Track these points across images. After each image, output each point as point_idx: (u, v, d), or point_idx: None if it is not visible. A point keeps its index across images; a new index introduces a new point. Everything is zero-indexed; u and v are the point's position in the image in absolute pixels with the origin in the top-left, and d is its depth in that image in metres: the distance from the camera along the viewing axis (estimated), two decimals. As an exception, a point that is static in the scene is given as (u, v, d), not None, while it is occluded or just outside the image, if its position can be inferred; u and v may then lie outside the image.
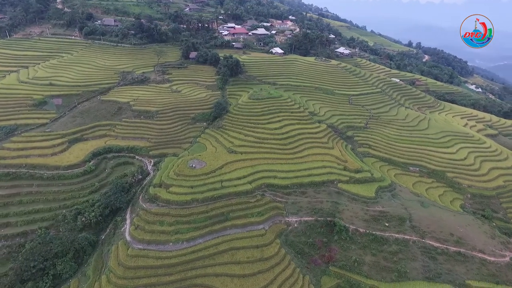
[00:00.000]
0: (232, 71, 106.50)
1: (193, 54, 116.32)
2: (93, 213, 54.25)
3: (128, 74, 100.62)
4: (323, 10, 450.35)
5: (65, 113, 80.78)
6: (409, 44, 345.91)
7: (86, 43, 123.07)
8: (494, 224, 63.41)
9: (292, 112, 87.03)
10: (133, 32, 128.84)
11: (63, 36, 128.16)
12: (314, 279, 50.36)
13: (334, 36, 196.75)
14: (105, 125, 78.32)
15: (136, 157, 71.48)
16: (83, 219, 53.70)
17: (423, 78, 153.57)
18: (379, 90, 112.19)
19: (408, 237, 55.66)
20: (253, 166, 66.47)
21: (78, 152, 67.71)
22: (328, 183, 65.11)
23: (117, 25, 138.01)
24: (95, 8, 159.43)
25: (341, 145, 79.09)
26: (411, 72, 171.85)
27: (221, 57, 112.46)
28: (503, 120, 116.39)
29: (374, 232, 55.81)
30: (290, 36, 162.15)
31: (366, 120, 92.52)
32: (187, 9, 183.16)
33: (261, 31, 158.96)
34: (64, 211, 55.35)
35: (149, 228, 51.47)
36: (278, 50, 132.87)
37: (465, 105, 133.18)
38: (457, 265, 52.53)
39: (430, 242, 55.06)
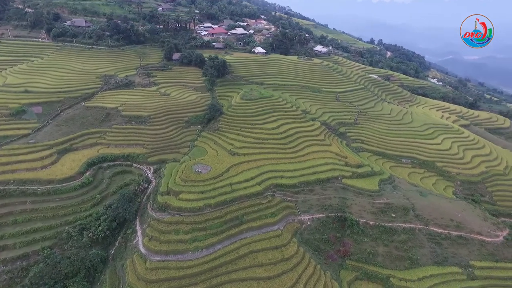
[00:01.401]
0: (219, 72, 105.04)
1: (176, 56, 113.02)
2: (100, 228, 51.04)
3: (111, 78, 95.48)
4: (287, 9, 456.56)
5: (48, 122, 74.94)
6: (371, 41, 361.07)
7: (56, 45, 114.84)
8: (483, 207, 68.65)
9: (286, 112, 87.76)
10: (108, 33, 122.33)
11: (28, 38, 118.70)
12: (334, 274, 51.40)
13: (308, 35, 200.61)
14: (94, 132, 73.74)
15: (134, 165, 68.18)
16: (90, 234, 50.34)
17: (396, 74, 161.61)
18: (362, 86, 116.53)
19: (414, 225, 58.61)
20: (258, 167, 66.17)
21: (71, 163, 63.19)
22: (332, 180, 66.60)
23: (89, 26, 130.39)
24: (61, 8, 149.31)
25: (337, 141, 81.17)
26: (382, 68, 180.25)
27: (206, 58, 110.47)
28: (471, 111, 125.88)
29: (383, 224, 58.11)
30: (269, 35, 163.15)
31: (355, 116, 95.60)
32: (160, 9, 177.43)
33: (240, 30, 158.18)
34: (66, 227, 51.37)
35: (164, 238, 49.47)
36: (260, 49, 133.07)
37: (435, 98, 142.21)
38: (460, 248, 56.28)
39: (434, 229, 58.43)
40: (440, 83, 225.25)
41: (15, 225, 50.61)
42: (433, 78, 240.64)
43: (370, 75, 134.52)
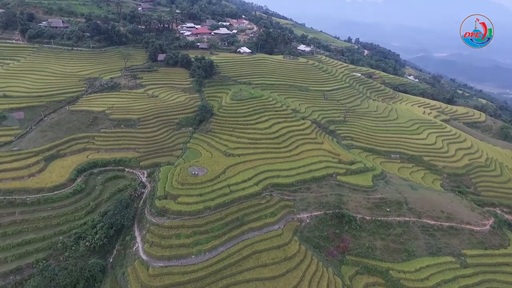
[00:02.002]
0: (207, 73, 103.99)
1: (161, 57, 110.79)
2: (97, 236, 49.32)
3: (95, 80, 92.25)
4: (264, 8, 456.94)
5: (31, 128, 71.46)
6: (349, 40, 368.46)
7: (33, 47, 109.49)
8: (469, 198, 72.00)
9: (276, 111, 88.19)
10: (88, 34, 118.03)
11: (1, 40, 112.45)
12: (335, 270, 52.29)
13: (290, 34, 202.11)
14: (81, 137, 70.98)
15: (126, 169, 66.31)
16: (87, 243, 48.53)
17: (377, 71, 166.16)
18: (348, 84, 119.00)
19: (407, 218, 60.61)
20: (254, 167, 66.16)
21: (60, 170, 60.58)
22: (327, 177, 67.64)
23: (67, 27, 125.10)
24: (35, 7, 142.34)
25: (328, 139, 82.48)
26: (363, 66, 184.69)
27: (192, 59, 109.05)
28: (450, 106, 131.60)
29: (379, 218, 59.71)
30: (252, 35, 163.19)
31: (344, 114, 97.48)
32: (140, 8, 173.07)
33: (223, 30, 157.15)
34: (61, 237, 49.32)
35: (166, 244, 48.52)
36: (245, 49, 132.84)
37: (415, 94, 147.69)
38: (452, 238, 58.79)
39: (427, 221, 60.68)
40: (417, 80, 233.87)
41: (5, 238, 47.99)
42: (409, 75, 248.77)
43: (354, 73, 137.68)
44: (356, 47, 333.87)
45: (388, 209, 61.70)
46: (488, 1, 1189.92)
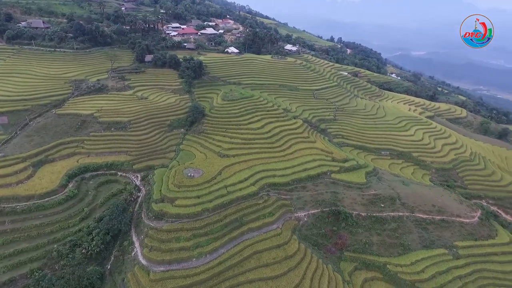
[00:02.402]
0: (196, 73, 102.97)
1: (148, 57, 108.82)
2: (93, 242, 48.02)
3: (82, 82, 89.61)
4: (247, 8, 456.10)
5: (16, 133, 68.71)
6: (331, 39, 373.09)
7: (12, 49, 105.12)
8: (457, 191, 74.62)
9: (268, 111, 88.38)
10: (71, 35, 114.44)
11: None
12: (335, 266, 53.08)
13: (276, 34, 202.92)
14: (70, 142, 68.92)
15: (119, 173, 64.83)
16: (83, 251, 47.17)
17: (362, 70, 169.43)
18: (336, 83, 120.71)
19: (401, 213, 62.20)
20: (250, 167, 66.13)
21: (50, 176, 58.58)
22: (322, 175, 68.40)
23: (48, 27, 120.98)
24: (12, 7, 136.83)
25: (320, 138, 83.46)
26: (348, 65, 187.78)
27: (180, 59, 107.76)
28: (433, 103, 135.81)
29: (374, 214, 60.96)
30: (239, 35, 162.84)
31: (333, 113, 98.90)
32: (123, 8, 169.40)
33: (210, 30, 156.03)
34: (55, 246, 47.69)
35: (165, 247, 47.83)
36: (233, 49, 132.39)
37: (400, 92, 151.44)
38: (444, 231, 60.82)
39: (419, 215, 62.47)
40: (399, 78, 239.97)
41: (-4, 248, 46.00)
42: (391, 74, 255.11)
43: (341, 72, 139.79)
44: (339, 46, 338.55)
45: (382, 205, 63.11)
46: (459, 1, 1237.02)
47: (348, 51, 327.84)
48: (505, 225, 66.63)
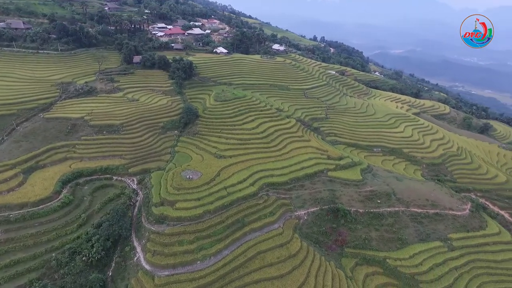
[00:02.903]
0: (186, 74, 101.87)
1: (137, 59, 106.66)
2: (94, 249, 46.71)
3: (69, 85, 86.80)
4: (229, 8, 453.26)
5: (3, 139, 65.99)
6: (314, 39, 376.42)
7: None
8: (447, 185, 77.19)
9: (261, 111, 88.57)
10: (54, 36, 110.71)
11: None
12: (337, 263, 53.88)
13: (263, 34, 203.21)
14: (61, 146, 66.75)
15: (114, 177, 63.36)
16: (83, 258, 45.84)
17: (349, 68, 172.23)
18: (325, 82, 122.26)
19: (397, 208, 63.81)
20: (247, 168, 66.06)
21: (43, 183, 56.53)
22: (319, 173, 69.18)
23: (28, 28, 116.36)
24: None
25: (314, 136, 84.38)
26: (334, 64, 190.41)
27: (170, 60, 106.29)
28: (418, 100, 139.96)
29: (371, 210, 62.28)
30: (226, 35, 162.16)
31: (325, 111, 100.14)
32: (106, 8, 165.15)
33: (197, 31, 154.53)
34: (54, 254, 46.12)
35: (169, 251, 47.17)
36: (222, 49, 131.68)
37: (385, 90, 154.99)
38: (438, 224, 62.81)
39: (414, 209, 64.27)
40: (382, 75, 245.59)
41: (-10, 260, 44.02)
42: (375, 72, 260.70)
43: (329, 71, 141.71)
44: (323, 45, 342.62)
45: (379, 201, 64.52)
46: (434, 1, 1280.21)
47: (332, 50, 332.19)
48: (493, 216, 69.53)
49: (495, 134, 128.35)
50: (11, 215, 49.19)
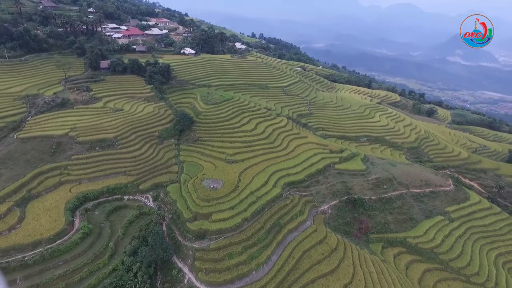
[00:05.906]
0: (165, 78, 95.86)
1: (104, 64, 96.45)
2: (137, 279, 42.28)
3: (36, 98, 74.85)
4: (157, 5, 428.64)
5: (-25, 168, 54.64)
6: (253, 36, 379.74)
7: None
8: (428, 165, 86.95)
9: (253, 111, 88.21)
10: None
11: None
12: (368, 249, 57.44)
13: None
14: (50, 170, 58.03)
15: (125, 197, 57.58)
16: (130, 291, 41.27)
17: (306, 65, 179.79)
18: (298, 79, 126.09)
19: (400, 191, 70.18)
20: (263, 170, 65.76)
21: (48, 215, 48.71)
22: (327, 168, 72.11)
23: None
24: None
25: (309, 132, 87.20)
26: (288, 60, 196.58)
27: (142, 64, 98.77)
28: (374, 91, 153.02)
29: (382, 196, 67.54)
30: (186, 35, 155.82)
31: (308, 107, 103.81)
32: (41, 7, 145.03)
33: (156, 31, 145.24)
34: (93, 293, 40.59)
35: (221, 267, 45.20)
36: (190, 50, 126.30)
37: (342, 83, 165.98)
38: (435, 200, 70.83)
39: (414, 190, 71.43)
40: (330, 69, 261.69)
41: (17, 315, 36.88)
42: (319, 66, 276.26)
43: (296, 68, 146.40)
44: (263, 42, 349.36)
45: (385, 187, 70.09)
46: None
47: (272, 46, 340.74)
48: (469, 188, 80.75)
49: (438, 116, 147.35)
50: (26, 257, 41.61)
